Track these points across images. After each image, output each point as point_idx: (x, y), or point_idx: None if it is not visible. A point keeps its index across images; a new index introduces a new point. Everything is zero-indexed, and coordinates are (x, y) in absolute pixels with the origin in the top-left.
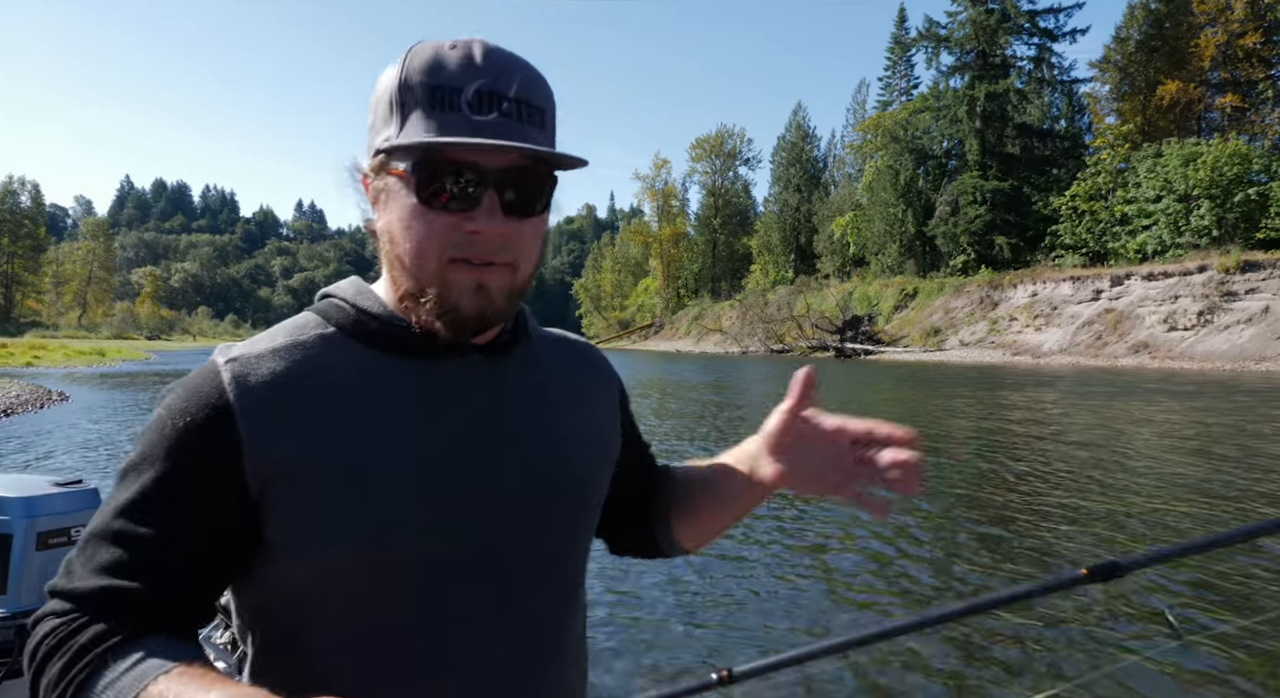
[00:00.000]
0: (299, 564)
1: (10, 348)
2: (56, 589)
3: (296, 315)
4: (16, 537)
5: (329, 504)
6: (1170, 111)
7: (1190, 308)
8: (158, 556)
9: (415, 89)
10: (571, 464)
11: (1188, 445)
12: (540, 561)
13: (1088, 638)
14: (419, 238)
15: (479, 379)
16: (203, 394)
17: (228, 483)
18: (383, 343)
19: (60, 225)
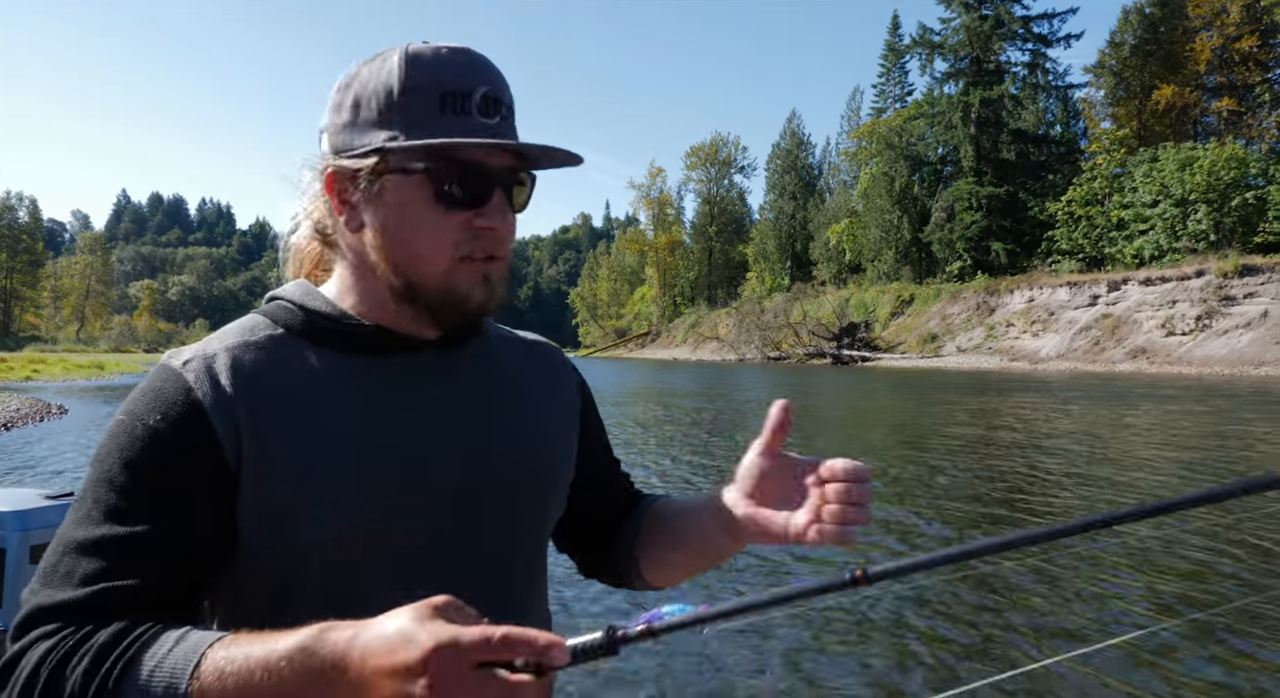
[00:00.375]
0: (265, 557)
1: (9, 362)
2: (39, 609)
3: (242, 318)
4: (10, 550)
5: (288, 498)
6: (1166, 116)
7: (1188, 313)
8: (150, 559)
9: (422, 91)
10: (531, 456)
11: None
12: (492, 553)
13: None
14: (431, 237)
15: (431, 373)
16: (168, 395)
17: (206, 479)
18: (332, 342)
19: (58, 240)
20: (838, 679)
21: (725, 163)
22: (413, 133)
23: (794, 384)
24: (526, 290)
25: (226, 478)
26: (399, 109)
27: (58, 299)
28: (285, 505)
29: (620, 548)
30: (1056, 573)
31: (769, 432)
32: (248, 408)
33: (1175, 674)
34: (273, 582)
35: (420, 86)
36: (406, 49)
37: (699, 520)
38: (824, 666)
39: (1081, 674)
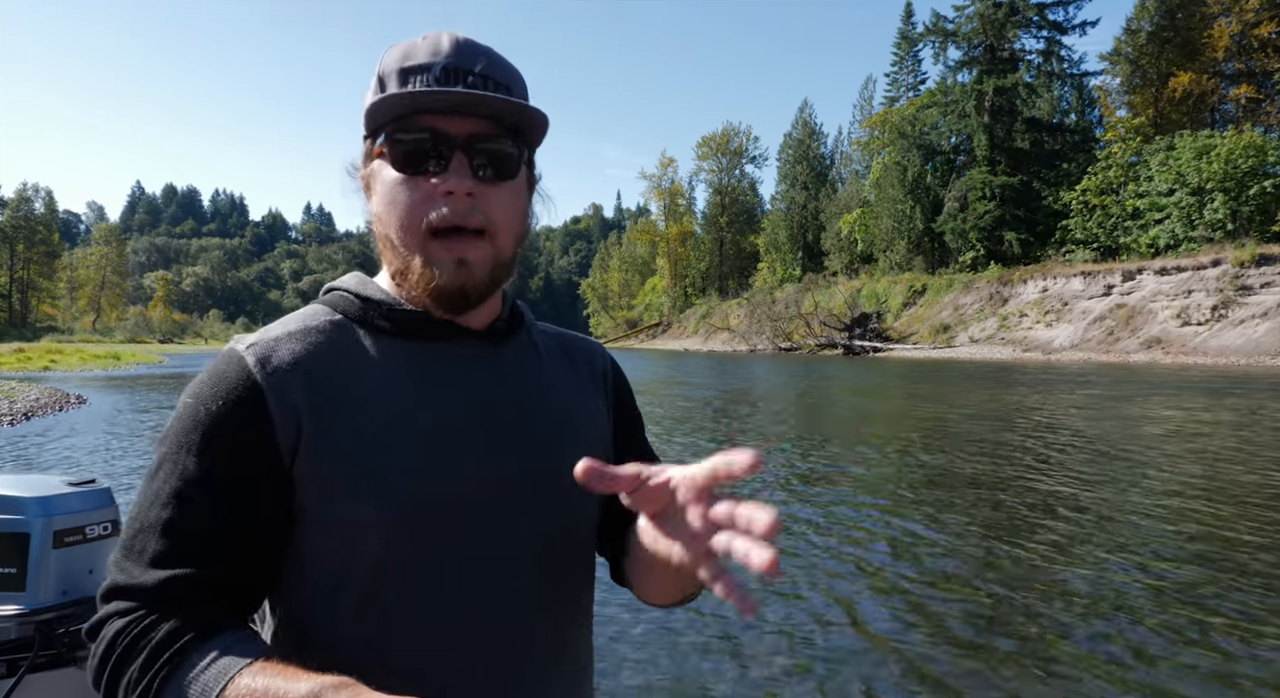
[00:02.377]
0: (324, 532)
1: (28, 352)
2: (117, 587)
3: (302, 309)
4: (34, 535)
5: (338, 476)
6: (1183, 104)
7: (1204, 302)
8: (213, 541)
9: (390, 75)
10: (563, 450)
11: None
12: (531, 543)
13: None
14: (399, 207)
15: (475, 361)
16: (230, 378)
17: (265, 460)
18: (383, 327)
19: (73, 231)
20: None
21: (737, 153)
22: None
23: (805, 375)
24: (538, 281)
25: (284, 457)
26: (375, 93)
27: (74, 290)
28: (338, 483)
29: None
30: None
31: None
32: (304, 388)
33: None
34: (324, 560)
35: (389, 71)
36: (395, 44)
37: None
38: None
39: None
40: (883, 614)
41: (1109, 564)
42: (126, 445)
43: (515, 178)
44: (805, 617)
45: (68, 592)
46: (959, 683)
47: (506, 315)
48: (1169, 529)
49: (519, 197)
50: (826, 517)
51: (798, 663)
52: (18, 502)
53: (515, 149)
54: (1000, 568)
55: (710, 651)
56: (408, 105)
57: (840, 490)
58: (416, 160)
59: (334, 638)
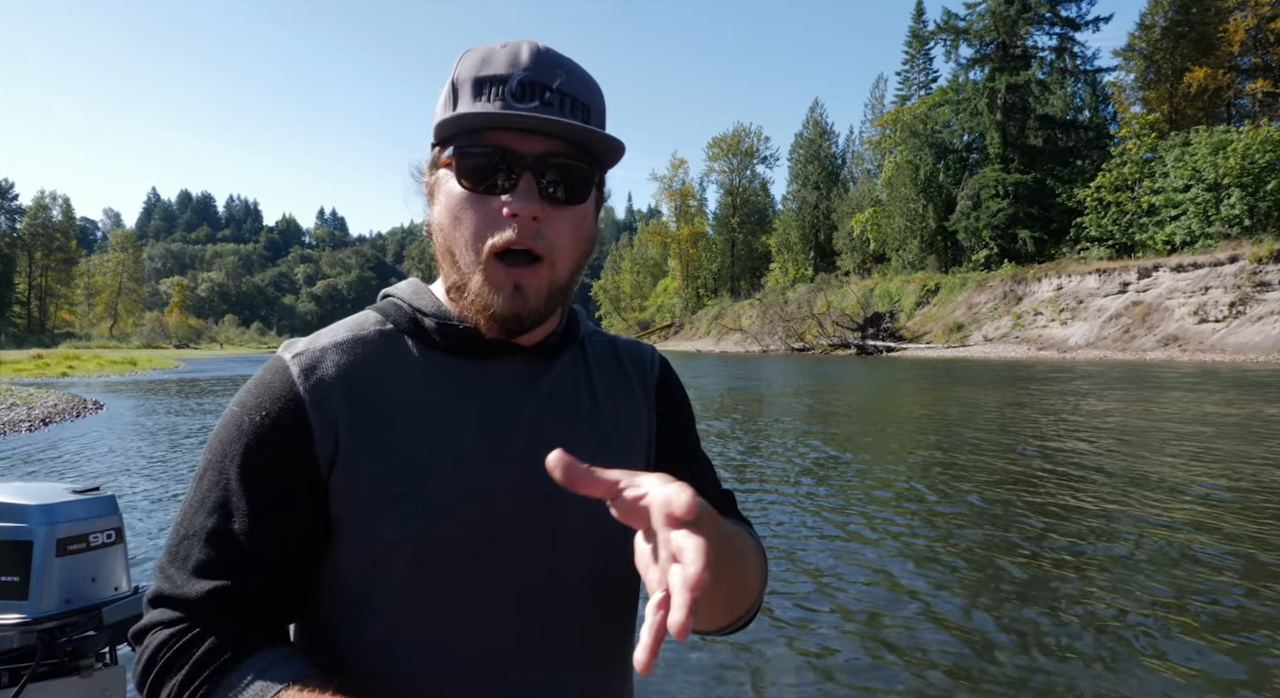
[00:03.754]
0: (356, 548)
1: (46, 358)
2: (162, 595)
3: (355, 316)
4: (37, 544)
5: (375, 493)
6: (1198, 99)
7: (1221, 299)
8: (254, 553)
9: (464, 83)
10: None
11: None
12: (572, 568)
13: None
14: (462, 223)
15: (522, 381)
16: (274, 388)
17: (306, 473)
18: (434, 341)
19: (90, 238)
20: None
21: (747, 153)
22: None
23: (818, 375)
24: None
25: (321, 470)
26: (450, 102)
27: (91, 296)
28: (372, 500)
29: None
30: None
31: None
32: (345, 402)
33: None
34: (354, 576)
35: (464, 78)
36: (471, 49)
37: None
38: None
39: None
40: (892, 616)
41: (1135, 569)
42: (142, 451)
43: (584, 201)
44: (811, 621)
45: (71, 601)
46: (974, 687)
47: (561, 330)
48: (1206, 539)
49: (585, 220)
50: (833, 516)
51: (805, 666)
52: (21, 509)
53: (587, 170)
54: (1016, 576)
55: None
56: (482, 123)
57: (850, 490)
58: (483, 177)
59: (360, 654)
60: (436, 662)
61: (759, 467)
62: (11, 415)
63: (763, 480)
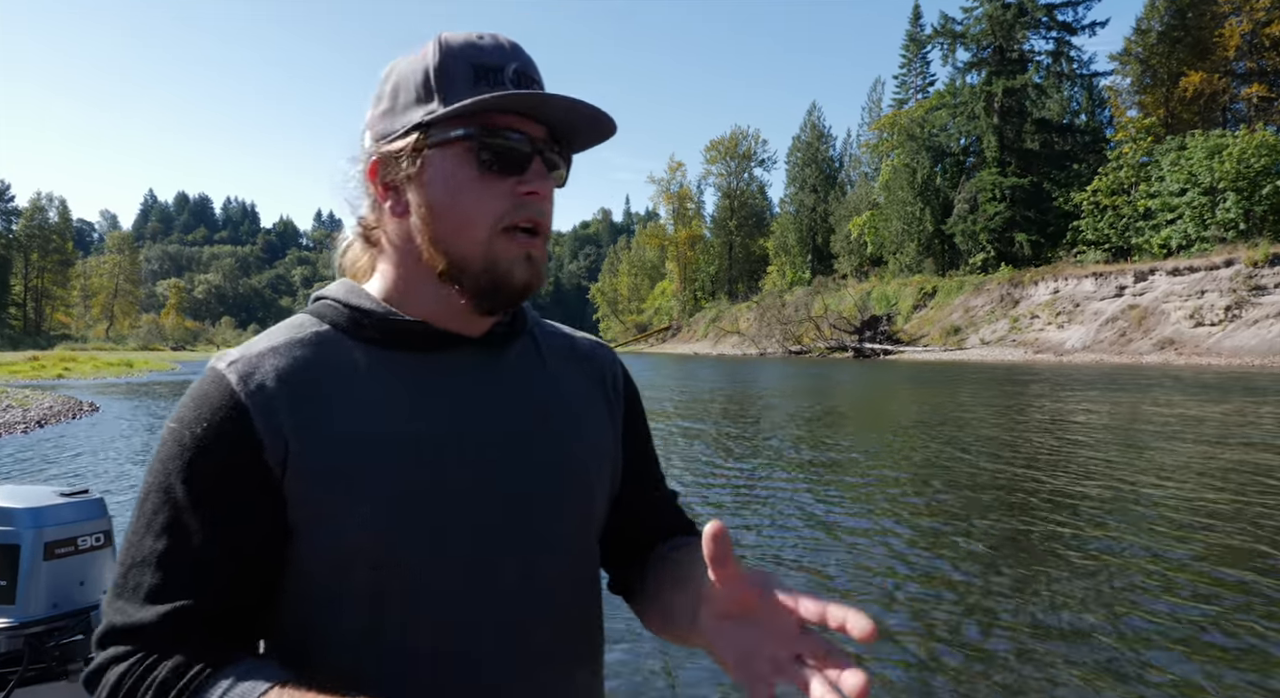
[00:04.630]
0: (317, 552)
1: (42, 360)
2: (114, 629)
3: (288, 320)
4: (24, 547)
5: (331, 496)
6: (1194, 103)
7: (1217, 303)
8: (211, 569)
9: (458, 68)
10: (567, 461)
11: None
12: (538, 562)
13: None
14: (472, 205)
15: (475, 372)
16: (213, 399)
17: (257, 481)
18: (377, 338)
19: (87, 240)
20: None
21: (745, 156)
22: (450, 104)
23: (815, 378)
24: (547, 286)
25: (274, 477)
26: (436, 87)
27: (87, 298)
28: (329, 503)
29: (630, 580)
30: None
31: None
32: (292, 405)
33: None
34: (319, 579)
35: (454, 64)
36: (440, 36)
37: (679, 597)
38: None
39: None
40: (892, 620)
41: (1131, 572)
42: (138, 453)
43: (563, 184)
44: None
45: (58, 605)
46: (974, 690)
47: (508, 319)
48: (1206, 544)
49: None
50: (829, 517)
51: None
52: (8, 513)
53: (566, 156)
54: (1013, 577)
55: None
56: (524, 104)
57: (845, 491)
58: (511, 162)
59: (331, 659)
60: (407, 663)
61: (752, 467)
62: (7, 417)
63: (756, 480)
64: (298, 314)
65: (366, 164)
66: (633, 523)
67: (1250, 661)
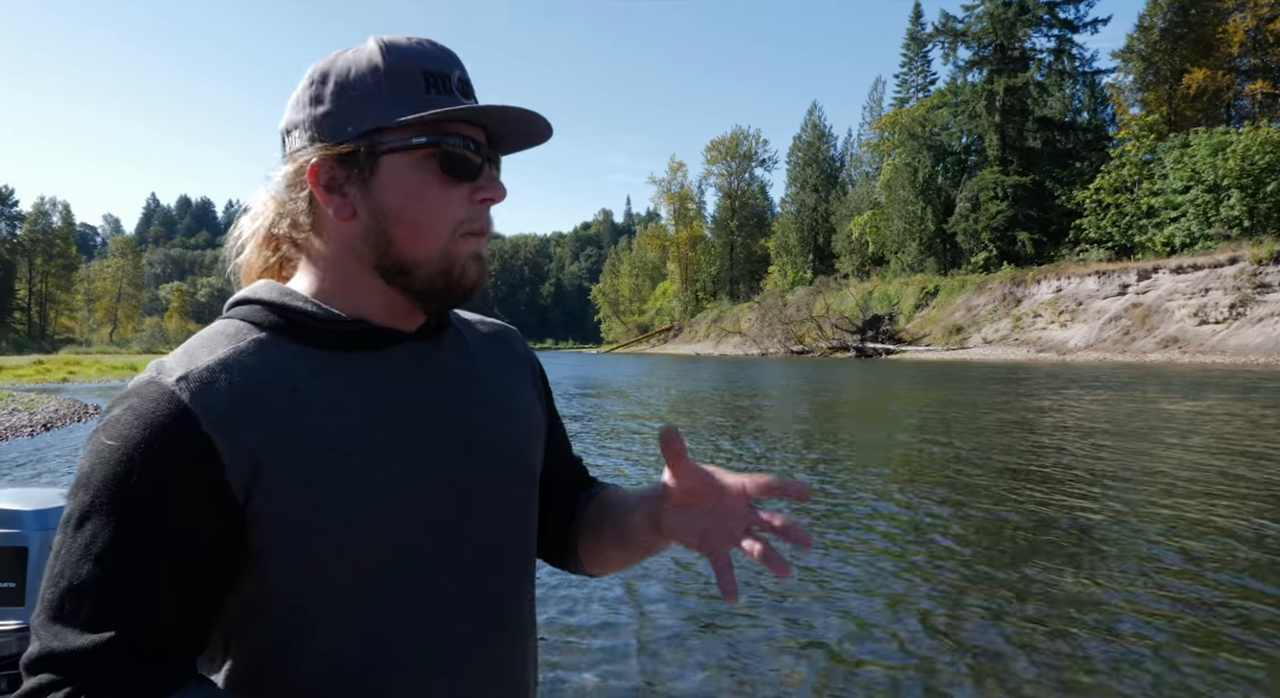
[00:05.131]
0: (288, 566)
1: (47, 364)
2: (51, 654)
3: (216, 326)
4: (32, 549)
5: (303, 507)
6: (1198, 100)
7: (1221, 301)
8: (159, 595)
9: (407, 73)
10: (513, 443)
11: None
12: (497, 540)
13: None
14: (434, 211)
15: (414, 366)
16: (165, 419)
17: (215, 502)
18: (317, 340)
19: (90, 244)
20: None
21: (746, 156)
22: (406, 110)
23: (815, 378)
24: (549, 287)
25: (238, 498)
26: (388, 91)
27: (91, 302)
28: (305, 515)
29: (564, 533)
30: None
31: (668, 459)
32: (255, 421)
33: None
34: (290, 594)
35: (403, 69)
36: (381, 39)
37: (632, 516)
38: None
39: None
40: (891, 621)
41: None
42: None
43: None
44: (813, 625)
45: None
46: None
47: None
48: (1217, 542)
49: None
50: (842, 520)
51: (799, 671)
52: (15, 515)
53: (499, 160)
54: (1016, 575)
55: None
56: (464, 128)
57: (852, 493)
58: (467, 169)
59: (305, 671)
60: (387, 665)
61: (760, 460)
62: (13, 421)
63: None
64: (224, 321)
65: (302, 165)
66: (558, 488)
67: (1260, 655)
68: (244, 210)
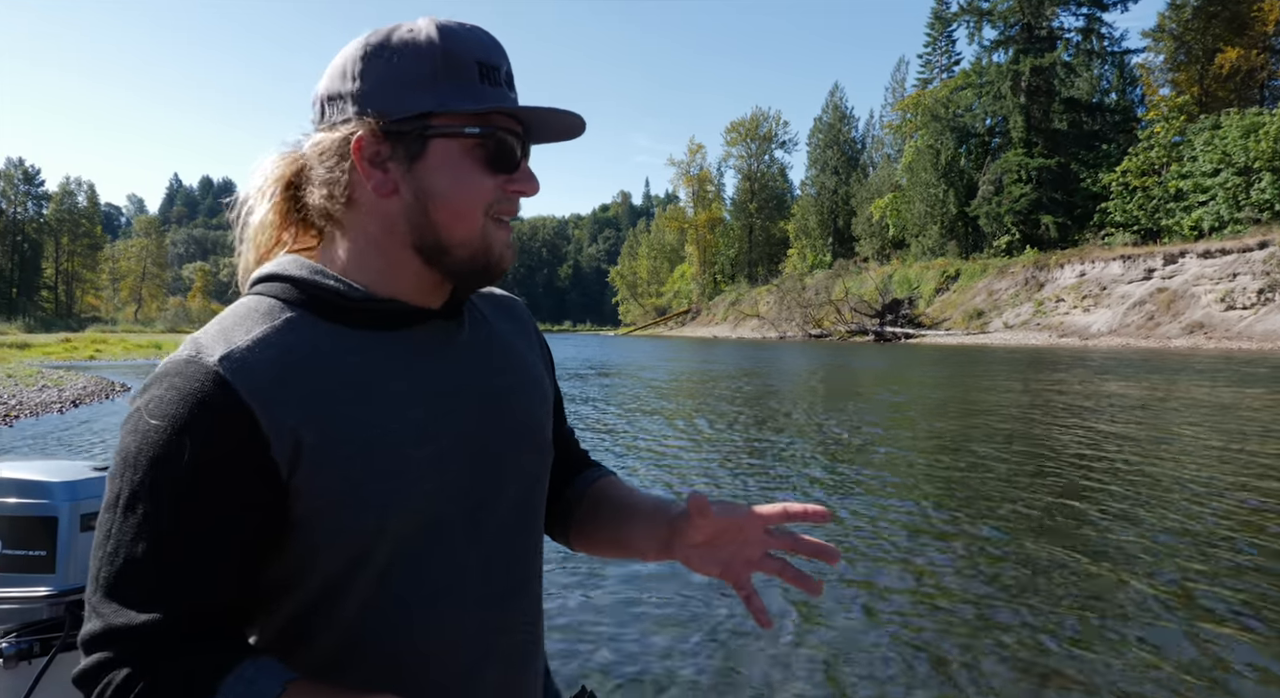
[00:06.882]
0: (330, 539)
1: (74, 342)
2: (111, 629)
3: (248, 304)
4: (62, 519)
5: (347, 480)
6: (1230, 80)
7: (1249, 286)
8: (215, 570)
9: (463, 61)
10: (535, 416)
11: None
12: (516, 511)
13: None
14: (473, 197)
15: (447, 342)
16: (208, 398)
17: (261, 478)
18: (353, 318)
19: (115, 224)
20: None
21: (766, 138)
22: (462, 99)
23: (834, 362)
24: (566, 269)
25: (281, 473)
26: (444, 76)
27: (116, 281)
28: (343, 490)
29: (558, 507)
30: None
31: (694, 520)
32: (296, 398)
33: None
34: (330, 566)
35: (460, 56)
36: (436, 21)
37: (637, 527)
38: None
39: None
40: (910, 609)
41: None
42: None
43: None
44: (825, 615)
45: None
46: (992, 683)
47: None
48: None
49: None
50: (858, 511)
51: (816, 663)
52: (45, 486)
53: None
54: (1042, 573)
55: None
56: (509, 122)
57: (868, 482)
58: (508, 162)
59: (329, 640)
60: (422, 634)
61: (777, 448)
62: (43, 397)
63: (780, 462)
64: (254, 298)
65: (345, 136)
66: (559, 457)
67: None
68: (254, 172)
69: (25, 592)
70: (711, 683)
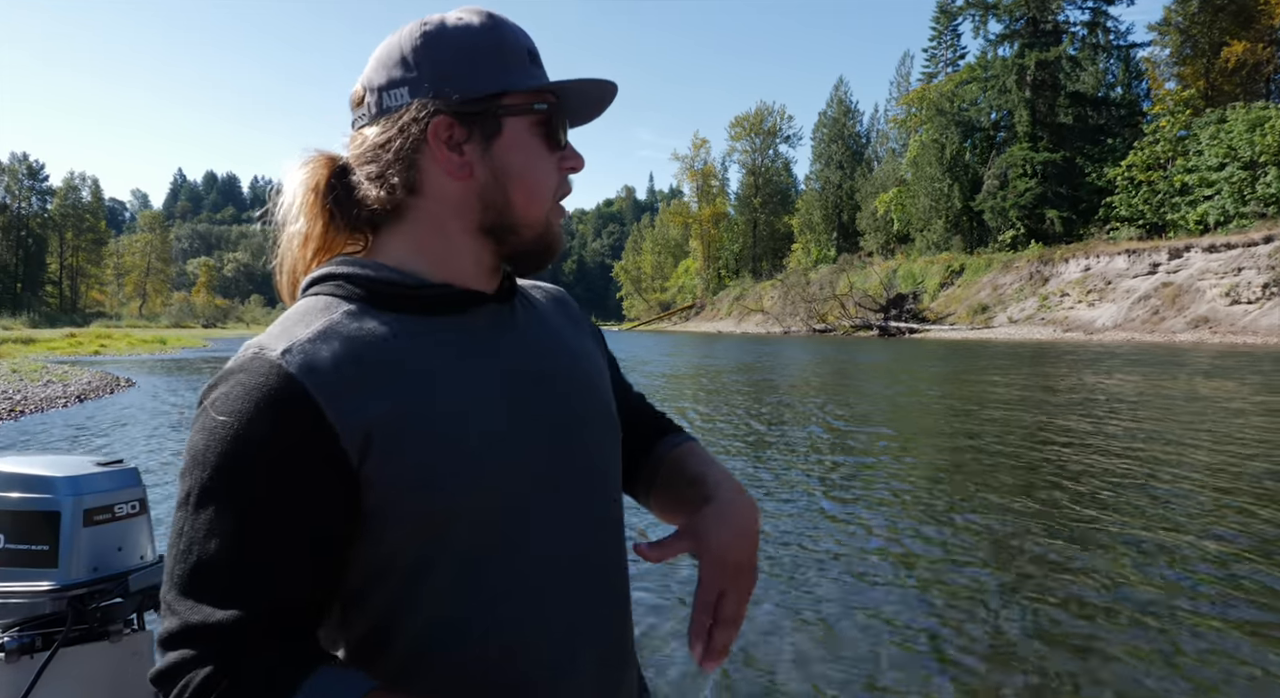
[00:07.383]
0: (400, 529)
1: (79, 337)
2: (189, 628)
3: (302, 304)
4: (65, 514)
5: (417, 466)
6: (1236, 74)
7: (1255, 280)
8: (292, 566)
9: (515, 46)
10: (598, 391)
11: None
12: (595, 489)
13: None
14: (544, 176)
15: (504, 325)
16: (276, 393)
17: (332, 470)
18: (408, 305)
19: (119, 219)
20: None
21: (770, 133)
22: (525, 77)
23: (838, 357)
24: (571, 264)
25: (353, 461)
26: (505, 59)
27: (120, 276)
28: (415, 475)
29: (641, 474)
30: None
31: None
32: (357, 386)
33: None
34: (404, 557)
35: (512, 42)
36: (484, 11)
37: (683, 507)
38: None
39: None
40: (907, 604)
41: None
42: (172, 426)
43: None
44: (823, 610)
45: (98, 569)
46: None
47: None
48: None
49: None
50: (852, 510)
51: (808, 657)
52: (48, 481)
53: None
54: (1040, 565)
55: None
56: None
57: (871, 477)
58: (559, 138)
59: (422, 634)
60: (503, 625)
61: (780, 442)
62: (49, 392)
63: (784, 454)
64: (312, 299)
65: (406, 125)
66: (630, 432)
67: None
68: (279, 184)
69: (28, 586)
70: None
